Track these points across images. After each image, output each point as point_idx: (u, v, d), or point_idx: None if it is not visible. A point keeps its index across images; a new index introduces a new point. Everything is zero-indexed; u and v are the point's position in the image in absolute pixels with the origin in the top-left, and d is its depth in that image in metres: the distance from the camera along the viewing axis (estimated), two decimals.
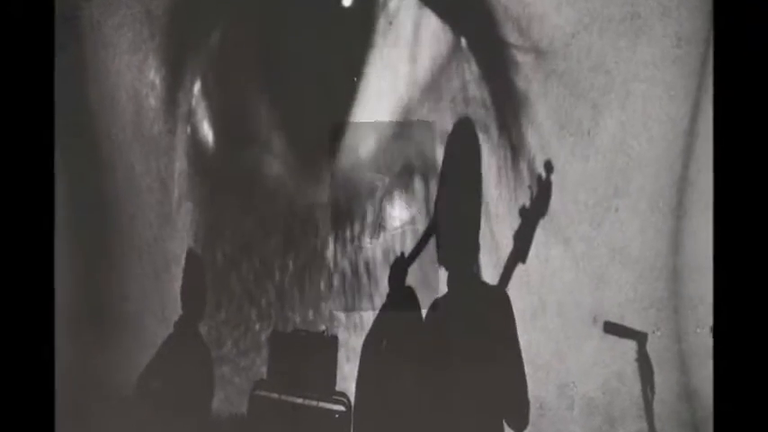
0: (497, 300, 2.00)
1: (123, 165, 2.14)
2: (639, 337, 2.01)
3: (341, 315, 2.25)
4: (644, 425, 2.05)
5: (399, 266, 2.13)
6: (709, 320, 1.96)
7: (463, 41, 1.99)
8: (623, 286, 2.00)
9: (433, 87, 2.03)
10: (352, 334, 2.25)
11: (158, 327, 2.31)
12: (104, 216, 2.21)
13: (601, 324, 2.02)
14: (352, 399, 2.30)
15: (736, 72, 1.33)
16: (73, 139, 2.10)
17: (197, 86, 2.14)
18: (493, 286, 2.03)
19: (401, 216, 2.14)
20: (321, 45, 2.07)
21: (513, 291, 2.00)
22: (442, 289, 2.06)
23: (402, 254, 2.14)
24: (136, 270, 2.25)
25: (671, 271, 1.99)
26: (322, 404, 2.32)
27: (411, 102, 2.04)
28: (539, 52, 1.91)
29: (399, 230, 2.15)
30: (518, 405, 1.99)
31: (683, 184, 1.94)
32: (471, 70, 1.99)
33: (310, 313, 2.25)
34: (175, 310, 2.31)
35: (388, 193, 2.11)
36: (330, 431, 2.29)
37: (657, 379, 2.03)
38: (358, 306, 2.18)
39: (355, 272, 2.17)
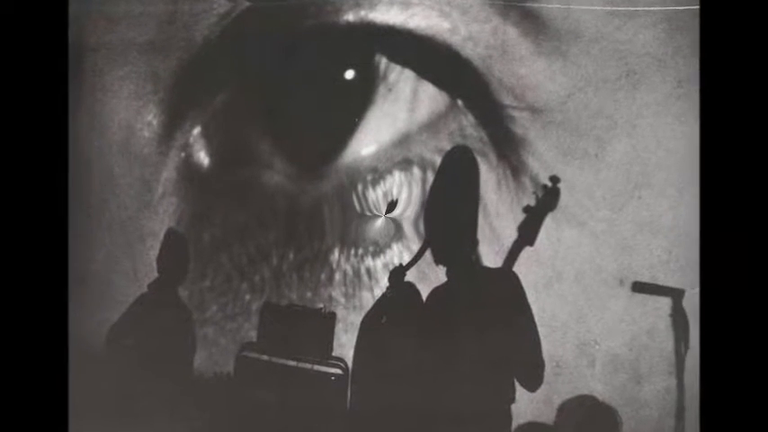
0: (501, 276, 1.85)
1: (100, 168, 2.35)
2: (675, 294, 1.87)
3: (340, 297, 2.20)
4: (672, 381, 1.93)
5: (398, 271, 2.08)
6: None
7: (460, 102, 2.09)
8: (654, 250, 1.89)
9: (430, 127, 2.11)
10: (351, 312, 2.19)
11: (129, 286, 2.37)
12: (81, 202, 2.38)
13: (628, 285, 1.90)
14: (350, 364, 2.17)
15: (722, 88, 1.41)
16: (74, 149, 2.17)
17: (197, 130, 2.28)
18: (497, 268, 1.90)
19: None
20: (323, 102, 2.21)
21: (521, 267, 1.86)
22: (442, 279, 1.96)
23: (400, 264, 2.09)
24: (104, 240, 2.39)
25: None
26: (317, 367, 2.17)
27: (410, 132, 2.13)
28: (534, 110, 1.99)
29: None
30: (530, 365, 1.84)
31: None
32: (468, 120, 2.08)
33: (308, 294, 2.23)
34: (149, 274, 2.32)
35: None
36: (326, 393, 2.14)
37: (692, 334, 1.88)
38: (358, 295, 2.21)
39: (357, 273, 2.19)
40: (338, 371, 2.15)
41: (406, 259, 2.09)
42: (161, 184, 2.31)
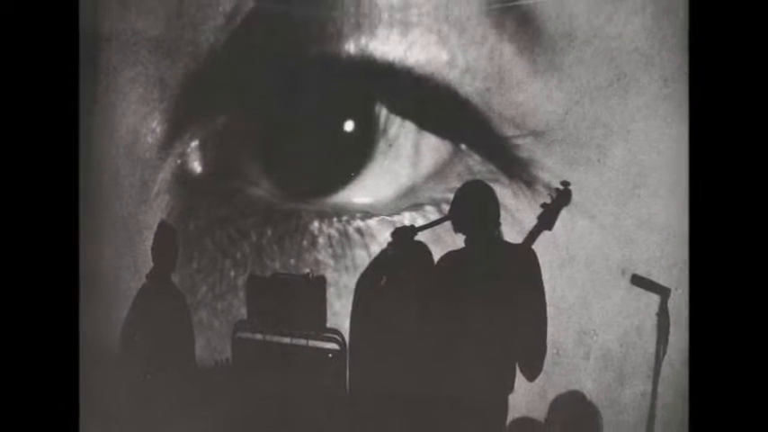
0: (521, 250, 1.90)
1: (109, 169, 2.53)
2: (663, 292, 2.00)
3: (328, 259, 2.22)
4: (649, 386, 2.05)
5: (406, 230, 2.01)
6: None
7: (463, 146, 2.19)
8: (650, 246, 2.04)
9: (435, 176, 2.22)
10: (343, 274, 2.21)
11: (132, 280, 2.56)
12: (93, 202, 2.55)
13: (629, 276, 2.03)
14: (347, 336, 2.16)
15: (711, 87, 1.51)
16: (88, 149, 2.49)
17: (194, 143, 2.43)
18: (517, 243, 1.96)
19: None
20: (320, 152, 2.32)
21: (539, 247, 1.94)
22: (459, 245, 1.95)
23: (411, 225, 2.04)
24: (110, 236, 2.58)
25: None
26: (312, 343, 2.14)
27: (415, 184, 2.24)
28: (536, 134, 2.09)
29: None
30: (535, 350, 1.87)
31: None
32: (474, 159, 2.18)
33: (292, 261, 2.27)
34: (147, 264, 2.53)
35: None
36: (324, 373, 2.12)
37: (671, 339, 2.02)
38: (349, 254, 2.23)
39: (344, 234, 2.22)
40: (335, 345, 2.13)
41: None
42: (157, 184, 2.50)
